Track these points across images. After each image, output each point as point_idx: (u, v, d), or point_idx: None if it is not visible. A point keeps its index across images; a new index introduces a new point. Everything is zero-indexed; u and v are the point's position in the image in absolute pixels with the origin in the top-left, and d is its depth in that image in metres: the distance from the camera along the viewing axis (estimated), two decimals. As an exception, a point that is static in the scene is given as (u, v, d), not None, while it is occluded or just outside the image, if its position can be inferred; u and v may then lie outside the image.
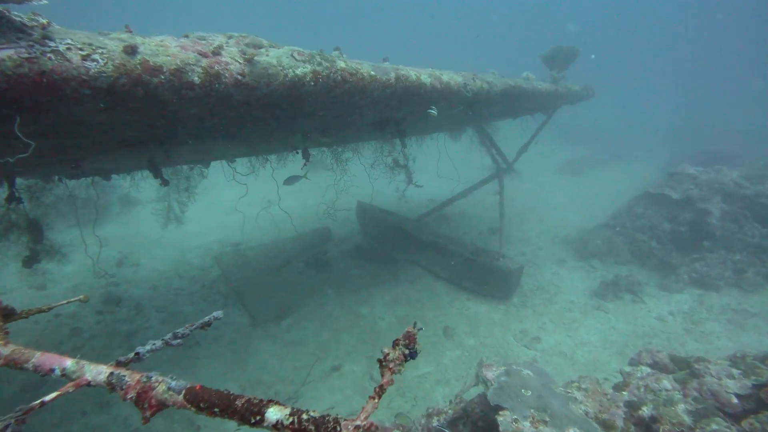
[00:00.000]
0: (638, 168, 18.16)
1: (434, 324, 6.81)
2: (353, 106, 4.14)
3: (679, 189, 8.55)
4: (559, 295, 7.67)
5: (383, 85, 3.97)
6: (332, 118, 4.43)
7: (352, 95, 3.80)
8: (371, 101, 4.13)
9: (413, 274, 8.07)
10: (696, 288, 7.58)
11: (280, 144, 5.00)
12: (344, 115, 4.47)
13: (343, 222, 10.16)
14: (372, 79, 3.83)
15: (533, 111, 8.34)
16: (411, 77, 4.29)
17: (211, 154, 5.31)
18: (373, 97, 4.01)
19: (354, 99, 3.90)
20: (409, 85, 4.26)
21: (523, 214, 11.58)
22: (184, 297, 7.17)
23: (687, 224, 8.14)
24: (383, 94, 4.08)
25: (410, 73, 4.30)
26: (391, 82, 4.05)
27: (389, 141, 7.03)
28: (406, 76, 4.22)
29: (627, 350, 6.32)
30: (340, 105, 3.95)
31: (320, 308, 7.02)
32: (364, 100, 4.01)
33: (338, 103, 3.87)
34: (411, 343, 1.24)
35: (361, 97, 3.91)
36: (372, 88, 3.87)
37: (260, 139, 4.60)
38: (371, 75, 3.81)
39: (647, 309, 7.22)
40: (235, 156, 6.00)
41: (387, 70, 4.05)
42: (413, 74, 4.34)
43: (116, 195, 10.18)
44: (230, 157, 6.02)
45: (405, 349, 1.22)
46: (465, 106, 5.21)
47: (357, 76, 3.67)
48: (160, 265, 8.11)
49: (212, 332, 6.39)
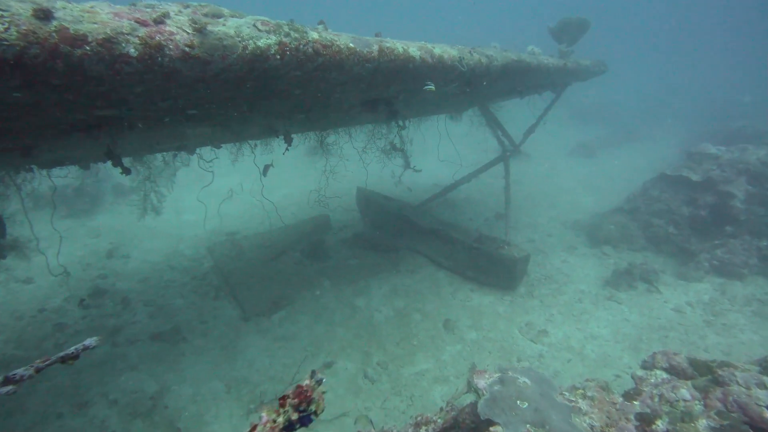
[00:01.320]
0: (656, 148, 17.41)
1: (434, 317, 6.44)
2: (333, 84, 3.71)
3: (699, 170, 7.97)
4: (568, 285, 7.23)
5: (364, 58, 3.53)
6: (313, 98, 4.01)
7: (328, 71, 3.37)
8: (352, 78, 3.70)
9: (414, 263, 7.68)
10: (717, 276, 7.06)
11: (260, 128, 4.60)
12: (326, 95, 4.05)
13: (343, 209, 9.78)
14: (350, 51, 3.40)
15: (541, 89, 7.79)
16: (397, 50, 3.84)
17: (188, 140, 4.94)
18: (353, 72, 3.58)
19: (331, 75, 3.47)
20: (394, 59, 3.81)
21: (532, 199, 11.07)
22: (174, 289, 6.89)
23: (708, 208, 7.58)
24: (365, 70, 3.64)
25: (396, 46, 3.85)
26: (374, 55, 3.61)
27: (386, 123, 6.61)
28: (391, 48, 3.77)
29: (641, 344, 5.89)
30: (317, 82, 3.52)
31: (315, 300, 6.69)
32: (344, 76, 3.57)
33: (314, 80, 3.44)
34: (304, 402, 0.84)
35: (340, 72, 3.48)
36: (351, 63, 3.44)
37: (235, 122, 4.22)
38: (349, 47, 3.38)
39: (663, 299, 6.74)
40: (220, 142, 5.63)
41: (369, 42, 3.61)
42: (400, 47, 3.89)
43: (110, 184, 9.92)
44: (215, 143, 5.66)
45: (294, 413, 0.82)
46: (461, 83, 4.74)
47: (332, 49, 3.24)
48: (152, 256, 7.84)
49: (201, 327, 6.12)
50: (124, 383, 5.08)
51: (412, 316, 6.44)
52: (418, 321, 6.35)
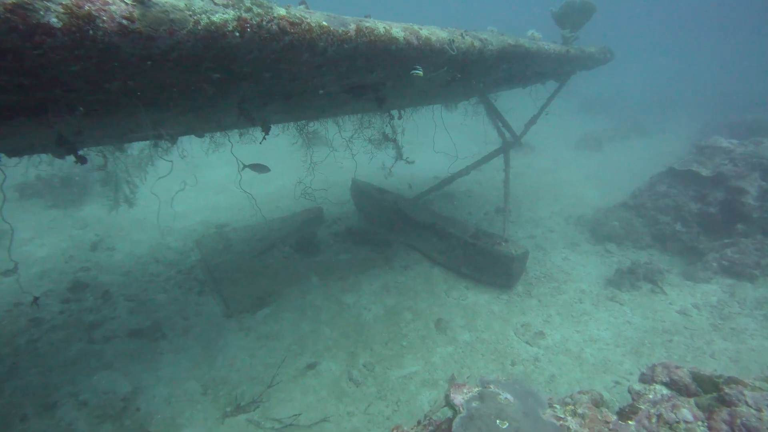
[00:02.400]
0: (666, 141, 16.89)
1: (426, 316, 6.15)
2: (308, 67, 3.39)
3: (710, 165, 7.56)
4: (568, 284, 6.90)
5: (339, 39, 3.20)
6: (289, 82, 3.70)
7: (298, 51, 3.05)
8: (328, 60, 3.37)
9: (408, 258, 7.38)
10: (727, 277, 6.69)
11: (236, 116, 4.30)
12: (303, 79, 3.74)
13: (338, 202, 9.49)
14: (323, 30, 3.07)
15: (543, 78, 7.40)
16: (378, 30, 3.50)
17: (163, 128, 4.65)
18: (327, 54, 3.25)
19: (303, 57, 3.14)
20: (375, 40, 3.48)
21: (535, 193, 10.70)
22: (158, 284, 6.66)
23: (718, 205, 7.19)
24: (341, 51, 3.31)
25: (377, 26, 3.52)
26: (351, 35, 3.28)
27: (378, 112, 6.28)
28: (370, 28, 3.43)
29: (643, 349, 5.57)
30: (288, 65, 3.20)
31: (301, 297, 6.43)
32: (318, 58, 3.25)
33: (284, 61, 3.12)
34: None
35: (312, 54, 3.15)
36: (324, 43, 3.11)
37: (206, 109, 3.92)
38: (322, 26, 3.05)
39: (668, 301, 6.40)
40: (195, 131, 5.35)
41: (345, 21, 3.28)
42: (381, 27, 3.55)
43: (98, 174, 9.68)
44: (195, 132, 5.38)
45: None
46: (452, 69, 4.40)
47: (301, 27, 2.92)
48: (139, 248, 7.61)
49: (183, 323, 5.88)
50: (97, 383, 4.84)
51: (403, 315, 6.16)
52: (408, 320, 6.07)
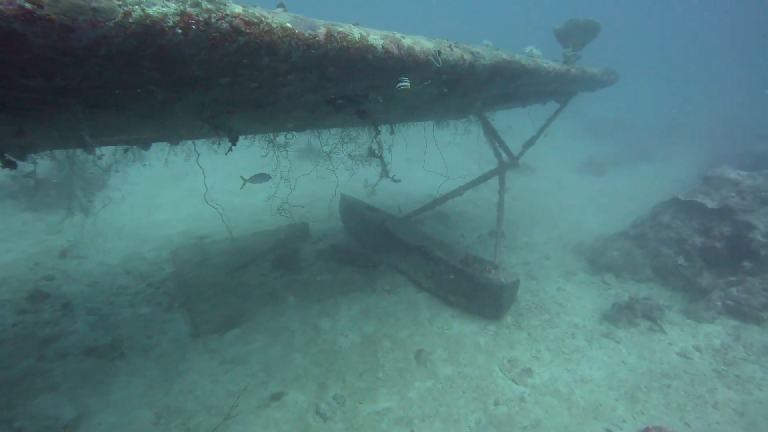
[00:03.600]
0: (671, 169, 16.50)
1: (406, 345, 5.73)
2: (271, 74, 3.05)
3: (716, 196, 7.16)
4: (561, 317, 6.47)
5: (306, 43, 2.86)
6: (253, 90, 3.36)
7: (257, 55, 2.70)
8: (294, 67, 3.03)
9: (393, 282, 6.98)
10: (731, 318, 6.24)
11: (198, 124, 3.96)
12: (268, 87, 3.40)
13: (326, 217, 9.13)
14: (286, 33, 2.73)
15: (543, 98, 7.07)
16: (352, 36, 3.17)
17: (126, 134, 4.32)
18: (291, 60, 2.91)
19: (263, 62, 2.80)
20: (348, 47, 3.14)
21: (532, 216, 10.31)
22: (125, 297, 6.28)
23: (724, 239, 6.77)
24: (308, 57, 2.97)
25: (352, 32, 3.18)
26: (319, 40, 2.93)
27: (366, 127, 5.95)
28: (343, 33, 3.10)
29: (638, 393, 5.12)
30: (247, 70, 2.86)
31: (275, 319, 6.03)
32: (282, 64, 2.90)
33: (242, 66, 2.78)
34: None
35: (273, 58, 2.81)
36: (287, 47, 2.77)
37: (161, 115, 3.59)
38: (285, 28, 2.71)
39: (668, 341, 5.95)
40: (171, 138, 5.03)
41: (314, 24, 2.94)
42: (357, 33, 3.22)
43: (81, 177, 9.39)
44: (172, 139, 5.06)
45: None
46: (438, 82, 4.06)
47: (259, 28, 2.58)
48: (111, 257, 7.25)
49: (145, 342, 5.49)
50: (38, 407, 4.44)
51: (381, 344, 5.74)
52: (387, 350, 5.65)
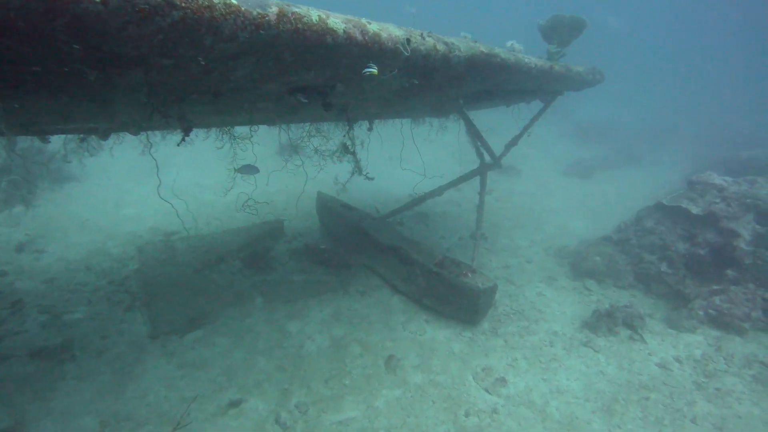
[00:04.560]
0: (659, 173, 16.41)
1: (377, 351, 5.47)
2: (218, 56, 2.77)
3: (701, 202, 6.99)
4: (540, 323, 6.25)
5: (254, 22, 2.59)
6: (202, 74, 3.07)
7: (195, 33, 2.43)
8: (243, 50, 2.75)
9: (368, 284, 6.72)
10: (713, 328, 6.06)
11: (142, 112, 3.66)
12: (220, 72, 3.11)
13: (303, 215, 8.85)
14: (230, 10, 2.45)
15: (527, 96, 6.85)
16: (309, 18, 2.89)
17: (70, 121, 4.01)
18: (240, 41, 2.63)
19: (205, 41, 2.52)
20: (304, 30, 2.86)
21: (516, 219, 10.10)
22: (82, 295, 5.95)
23: (708, 246, 6.60)
24: (257, 39, 2.69)
25: (310, 13, 2.91)
26: (270, 20, 2.66)
27: (341, 121, 5.68)
28: (298, 14, 2.82)
29: (616, 406, 4.90)
30: (188, 50, 2.57)
31: (240, 320, 5.74)
32: (228, 44, 2.63)
33: (181, 45, 2.50)
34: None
35: (217, 38, 2.53)
36: (231, 26, 2.49)
37: (100, 100, 3.28)
38: (228, 4, 2.44)
39: (648, 351, 5.75)
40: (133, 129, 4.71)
41: (264, 2, 2.67)
42: (315, 15, 2.94)
43: (48, 168, 9.00)
44: (132, 129, 4.74)
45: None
46: (407, 73, 3.80)
47: (197, 2, 2.30)
48: (72, 253, 6.90)
49: (99, 343, 5.17)
50: (-30, 413, 4.12)
51: (351, 348, 5.48)
52: (356, 355, 5.39)
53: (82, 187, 9.09)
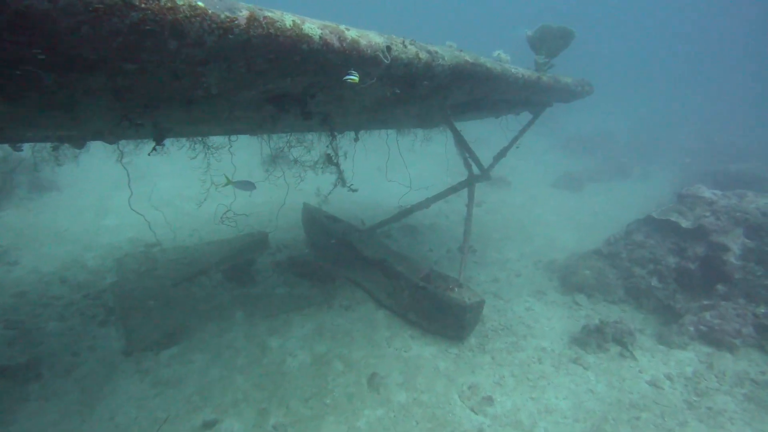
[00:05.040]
0: (649, 186, 16.45)
1: (360, 368, 5.28)
2: (186, 61, 2.62)
3: (691, 216, 6.92)
4: (528, 339, 6.10)
5: (222, 26, 2.45)
6: (172, 80, 2.93)
7: (159, 37, 2.28)
8: (211, 55, 2.61)
9: (352, 298, 6.54)
10: (704, 345, 5.94)
11: (105, 119, 3.50)
12: (190, 78, 2.97)
13: (289, 226, 8.68)
14: (195, 12, 2.31)
15: (515, 108, 6.78)
16: (282, 23, 2.76)
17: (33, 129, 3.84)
18: (206, 46, 2.49)
19: (170, 45, 2.38)
20: (276, 35, 2.73)
21: (505, 231, 9.99)
22: (55, 309, 5.72)
23: (698, 261, 6.51)
24: (226, 44, 2.55)
25: (283, 18, 2.78)
26: (239, 24, 2.52)
27: (324, 132, 5.55)
28: (270, 19, 2.69)
29: (605, 426, 4.75)
30: (152, 54, 2.43)
31: (219, 336, 5.53)
32: (195, 49, 2.48)
33: (144, 49, 2.35)
34: None
35: (182, 42, 2.39)
36: (197, 30, 2.35)
37: (65, 107, 3.12)
38: (194, 6, 2.30)
39: (638, 368, 5.61)
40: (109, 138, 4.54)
41: (234, 6, 2.53)
42: (289, 20, 2.81)
43: (28, 176, 8.78)
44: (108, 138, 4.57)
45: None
46: (387, 81, 3.69)
47: (158, 3, 2.17)
48: (47, 264, 6.67)
49: (69, 360, 4.94)
50: (-77, 438, 3.89)
51: (333, 365, 5.29)
52: (338, 372, 5.20)
53: (63, 196, 8.87)
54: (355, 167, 7.71)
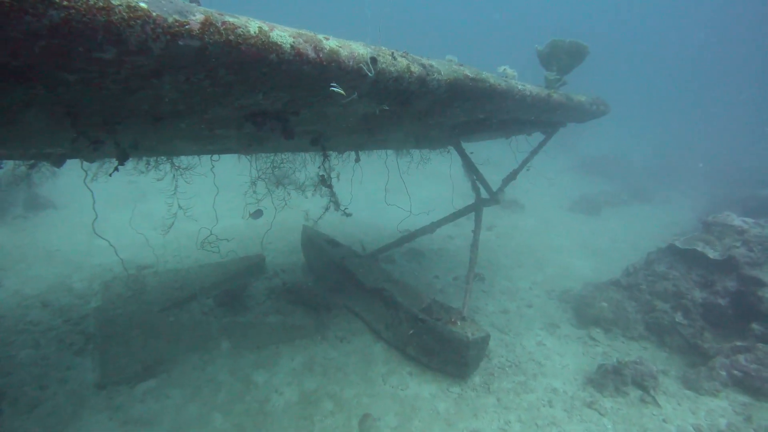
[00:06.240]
0: (670, 212, 15.76)
1: (351, 408, 4.81)
2: (133, 72, 2.29)
3: (719, 246, 6.34)
4: (539, 379, 5.56)
5: (169, 31, 2.08)
6: (125, 94, 2.60)
7: (92, 42, 1.95)
8: (161, 65, 2.26)
9: (348, 329, 6.10)
10: (739, 392, 5.30)
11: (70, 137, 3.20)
12: (145, 91, 2.64)
13: (289, 250, 8.33)
14: (135, 14, 1.95)
15: (526, 128, 6.36)
16: (246, 30, 2.40)
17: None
18: (154, 54, 2.14)
19: (108, 53, 2.04)
20: (238, 43, 2.36)
21: (517, 258, 9.46)
22: (31, 336, 5.41)
23: (728, 296, 5.92)
24: (177, 52, 2.19)
25: (247, 24, 2.43)
26: (191, 29, 2.16)
27: (318, 152, 5.22)
28: (231, 24, 2.34)
29: (625, 486, 4.17)
30: (87, 63, 2.09)
31: (201, 369, 5.14)
32: (139, 58, 2.14)
33: (75, 57, 2.02)
34: None
35: (121, 50, 2.04)
36: (138, 34, 2.00)
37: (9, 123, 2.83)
38: (134, 7, 1.95)
39: (662, 416, 5.01)
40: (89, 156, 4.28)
41: (185, 9, 2.18)
42: (254, 26, 2.46)
43: (24, 194, 8.63)
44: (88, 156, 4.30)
45: None
46: (374, 98, 3.33)
47: (87, 4, 1.83)
48: (30, 287, 6.40)
49: (34, 395, 4.59)
50: None
51: (322, 405, 4.83)
52: (327, 412, 4.74)
53: (59, 214, 8.70)
54: (361, 188, 7.37)
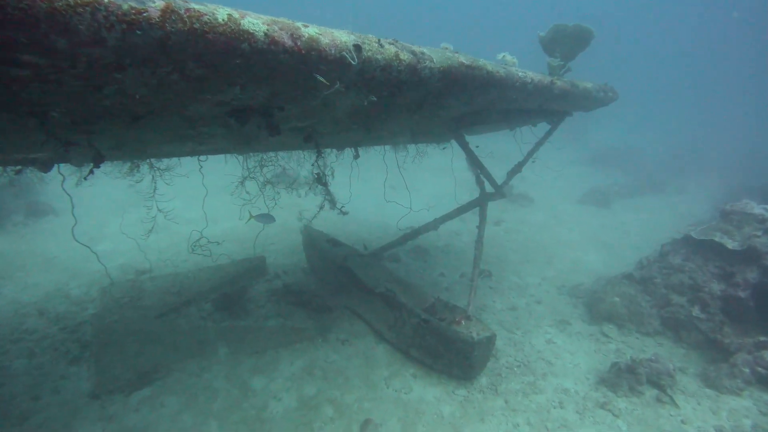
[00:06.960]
0: (684, 202, 15.32)
1: (352, 413, 4.63)
2: (96, 68, 2.11)
3: (738, 235, 6.04)
4: (549, 379, 5.32)
5: (124, 20, 1.90)
6: (90, 92, 2.42)
7: (33, 33, 1.77)
8: (121, 56, 2.07)
9: (351, 331, 5.92)
10: (764, 390, 5.01)
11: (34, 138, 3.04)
12: (116, 90, 2.47)
13: (291, 251, 8.16)
14: (86, 2, 1.79)
15: (530, 118, 6.10)
16: (213, 17, 2.20)
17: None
18: (109, 45, 1.95)
19: (58, 44, 1.86)
20: (204, 31, 2.17)
21: (525, 253, 9.19)
22: (26, 344, 5.31)
23: (749, 288, 5.62)
24: (137, 42, 2.01)
25: (215, 11, 2.23)
26: (150, 16, 1.97)
27: (312, 150, 5.03)
28: (196, 12, 2.14)
29: (642, 493, 3.94)
30: (37, 56, 1.92)
31: (198, 375, 4.99)
32: (94, 49, 1.96)
33: (20, 48, 1.85)
34: None
35: (72, 41, 1.86)
36: (89, 23, 1.82)
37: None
38: (82, -7, 1.77)
39: (680, 417, 4.75)
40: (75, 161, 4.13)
41: (147, -5, 2.00)
42: (223, 13, 2.26)
43: (26, 201, 8.58)
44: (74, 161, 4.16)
45: None
46: (362, 89, 3.12)
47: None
48: (29, 294, 6.32)
49: (26, 406, 4.47)
50: None
51: (322, 410, 4.65)
52: (327, 418, 4.56)
53: (60, 221, 8.64)
54: (364, 186, 7.18)
